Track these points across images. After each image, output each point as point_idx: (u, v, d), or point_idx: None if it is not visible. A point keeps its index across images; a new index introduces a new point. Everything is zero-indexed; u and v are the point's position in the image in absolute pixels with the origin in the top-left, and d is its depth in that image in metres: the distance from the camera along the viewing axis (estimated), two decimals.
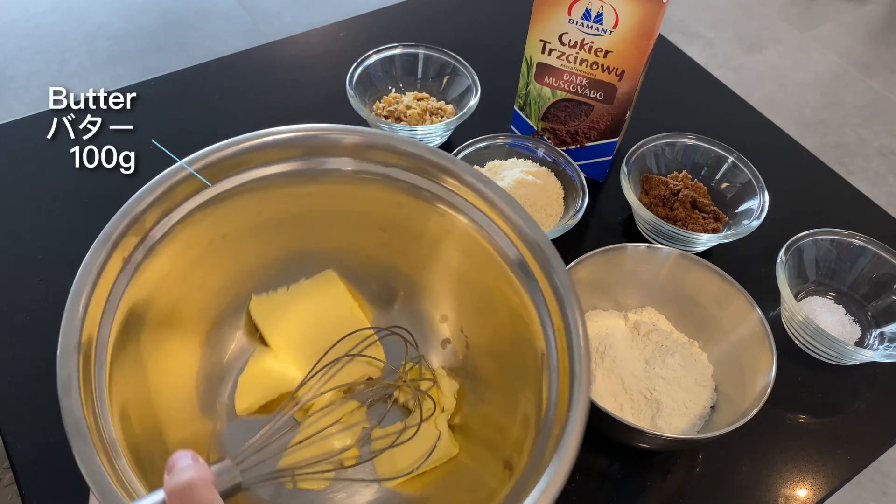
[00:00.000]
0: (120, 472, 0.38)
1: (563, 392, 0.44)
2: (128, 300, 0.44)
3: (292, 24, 1.99)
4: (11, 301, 0.62)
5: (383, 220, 0.55)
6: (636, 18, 0.63)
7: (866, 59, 2.12)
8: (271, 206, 0.52)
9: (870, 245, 0.67)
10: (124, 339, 0.44)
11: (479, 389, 0.54)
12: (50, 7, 1.97)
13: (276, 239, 0.55)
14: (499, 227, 0.50)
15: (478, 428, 0.53)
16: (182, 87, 0.81)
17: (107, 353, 0.42)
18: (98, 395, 0.40)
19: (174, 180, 0.47)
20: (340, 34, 0.90)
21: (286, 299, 0.56)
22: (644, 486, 0.57)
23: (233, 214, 0.51)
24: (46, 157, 0.73)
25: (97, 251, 0.43)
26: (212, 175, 0.48)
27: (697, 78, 0.92)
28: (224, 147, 0.48)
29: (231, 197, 0.50)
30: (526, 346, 0.49)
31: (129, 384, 0.44)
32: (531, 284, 0.48)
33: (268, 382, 0.53)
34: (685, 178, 0.73)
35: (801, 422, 0.62)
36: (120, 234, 0.44)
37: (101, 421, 0.39)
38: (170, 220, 0.47)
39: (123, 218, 0.44)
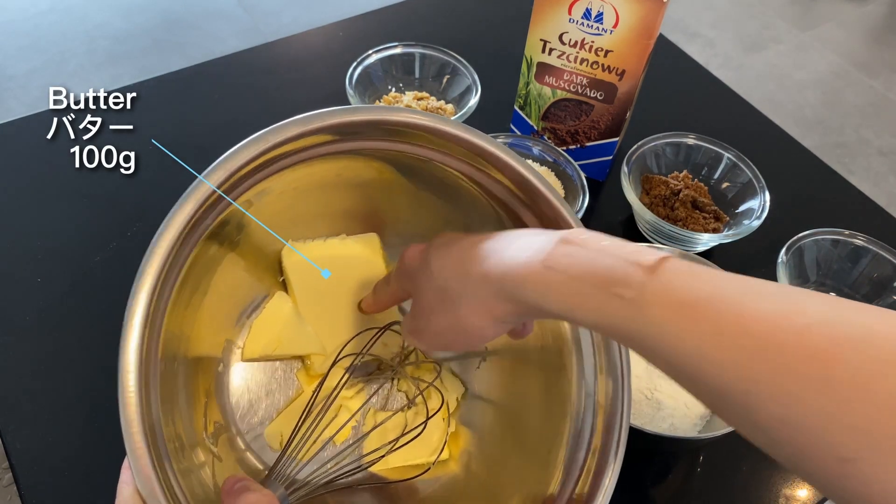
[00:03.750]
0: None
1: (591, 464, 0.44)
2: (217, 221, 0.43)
3: (292, 23, 1.99)
4: (11, 301, 0.62)
5: (450, 216, 0.53)
6: (636, 18, 0.63)
7: (866, 59, 2.12)
8: (352, 171, 0.51)
9: (871, 245, 0.67)
10: (206, 247, 0.44)
11: (490, 412, 0.54)
12: (49, 7, 1.97)
13: (342, 196, 0.53)
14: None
15: (472, 439, 0.53)
16: (182, 87, 0.81)
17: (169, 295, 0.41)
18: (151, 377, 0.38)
19: (275, 140, 0.44)
20: (340, 34, 0.89)
21: (321, 250, 0.54)
22: (644, 486, 0.57)
23: (315, 173, 0.49)
24: (46, 157, 0.73)
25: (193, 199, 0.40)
26: (298, 144, 0.46)
27: (697, 78, 0.92)
28: (350, 112, 0.46)
29: (318, 159, 0.47)
30: (558, 392, 0.48)
31: (192, 286, 0.44)
32: (582, 365, 0.47)
33: (281, 337, 0.52)
34: (686, 177, 0.73)
35: None
36: (209, 191, 0.41)
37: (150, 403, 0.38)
38: (258, 177, 0.45)
39: (216, 171, 0.41)
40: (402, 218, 0.56)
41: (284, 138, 0.44)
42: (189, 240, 0.41)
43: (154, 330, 0.39)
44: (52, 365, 0.59)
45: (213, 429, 0.47)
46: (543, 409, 0.50)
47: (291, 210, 0.52)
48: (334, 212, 0.54)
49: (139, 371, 0.35)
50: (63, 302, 0.63)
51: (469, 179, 0.50)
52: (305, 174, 0.49)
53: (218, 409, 0.49)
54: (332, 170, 0.50)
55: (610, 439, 0.45)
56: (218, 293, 0.49)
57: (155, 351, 0.39)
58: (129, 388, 0.34)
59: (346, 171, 0.51)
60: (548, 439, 0.48)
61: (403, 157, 0.50)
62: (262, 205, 0.48)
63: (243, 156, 0.42)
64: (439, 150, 0.49)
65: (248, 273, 0.52)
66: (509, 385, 0.54)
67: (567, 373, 0.49)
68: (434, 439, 0.52)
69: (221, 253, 0.48)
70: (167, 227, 0.38)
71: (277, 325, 0.52)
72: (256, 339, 0.52)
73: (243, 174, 0.43)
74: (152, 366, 0.38)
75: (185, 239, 0.40)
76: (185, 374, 0.45)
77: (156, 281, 0.37)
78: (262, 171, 0.45)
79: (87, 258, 0.65)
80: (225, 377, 0.51)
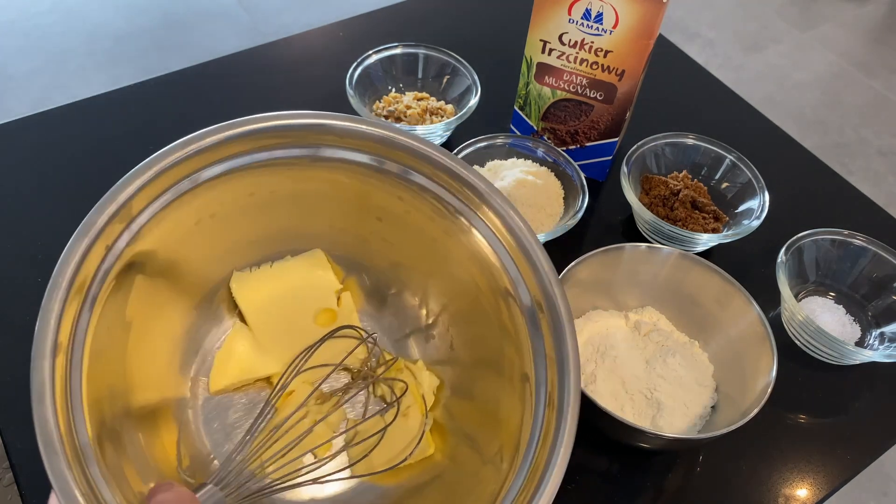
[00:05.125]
0: (90, 479, 0.37)
1: (550, 424, 0.44)
2: (122, 261, 0.43)
3: (292, 24, 1.99)
4: (11, 301, 0.62)
5: (380, 210, 0.54)
6: (636, 18, 0.63)
7: (866, 59, 2.12)
8: (266, 188, 0.51)
9: (870, 245, 0.67)
10: (116, 292, 0.43)
11: (461, 393, 0.54)
12: (50, 7, 1.97)
13: (266, 218, 0.54)
14: (518, 270, 0.49)
15: (452, 425, 0.53)
16: (182, 87, 0.81)
17: (83, 351, 0.41)
18: (73, 395, 0.39)
19: (161, 166, 0.44)
20: (340, 34, 0.89)
21: (268, 275, 0.55)
22: (644, 486, 0.57)
23: (224, 195, 0.49)
24: (46, 157, 0.73)
25: (80, 235, 0.41)
26: (209, 156, 0.46)
27: (697, 78, 0.92)
28: (231, 126, 0.47)
29: (224, 179, 0.48)
30: (513, 368, 0.49)
31: (110, 336, 0.43)
32: (536, 334, 0.48)
33: (243, 364, 0.53)
34: (685, 177, 0.73)
35: (801, 422, 0.62)
36: (104, 222, 0.42)
37: (75, 425, 0.38)
38: (156, 206, 0.45)
39: (107, 205, 0.42)
40: (337, 225, 0.56)
41: (166, 165, 0.44)
42: (89, 292, 0.41)
43: (72, 395, 0.39)
44: None
45: (190, 462, 0.48)
46: (507, 381, 0.50)
47: (221, 239, 0.52)
48: (266, 234, 0.55)
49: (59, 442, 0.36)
50: None
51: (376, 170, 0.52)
52: (213, 198, 0.49)
53: (193, 443, 0.50)
54: (242, 189, 0.51)
55: (563, 392, 0.45)
56: (163, 336, 0.49)
57: (82, 418, 0.39)
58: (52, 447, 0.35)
59: (258, 189, 0.51)
60: (515, 408, 0.48)
61: (309, 162, 0.50)
62: (182, 238, 0.49)
63: (130, 188, 0.43)
64: (346, 147, 0.50)
65: (197, 309, 0.53)
66: (478, 370, 0.54)
67: (519, 342, 0.49)
68: (414, 435, 0.52)
69: (148, 297, 0.47)
70: (54, 284, 0.39)
71: (240, 355, 0.53)
72: (221, 370, 0.52)
73: (137, 210, 0.44)
74: (80, 434, 0.38)
75: (84, 291, 0.40)
76: (138, 424, 0.45)
77: (53, 343, 0.38)
78: (157, 202, 0.45)
79: None
80: (196, 412, 0.51)
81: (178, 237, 0.48)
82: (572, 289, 0.59)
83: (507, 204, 0.49)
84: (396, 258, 0.57)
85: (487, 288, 0.51)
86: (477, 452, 0.50)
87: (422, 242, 0.55)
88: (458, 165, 0.50)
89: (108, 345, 0.43)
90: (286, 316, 0.55)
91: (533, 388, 0.47)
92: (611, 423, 0.52)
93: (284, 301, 0.55)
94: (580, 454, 0.58)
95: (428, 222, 0.53)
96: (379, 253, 0.57)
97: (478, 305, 0.53)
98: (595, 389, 0.57)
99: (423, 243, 0.54)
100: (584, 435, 0.46)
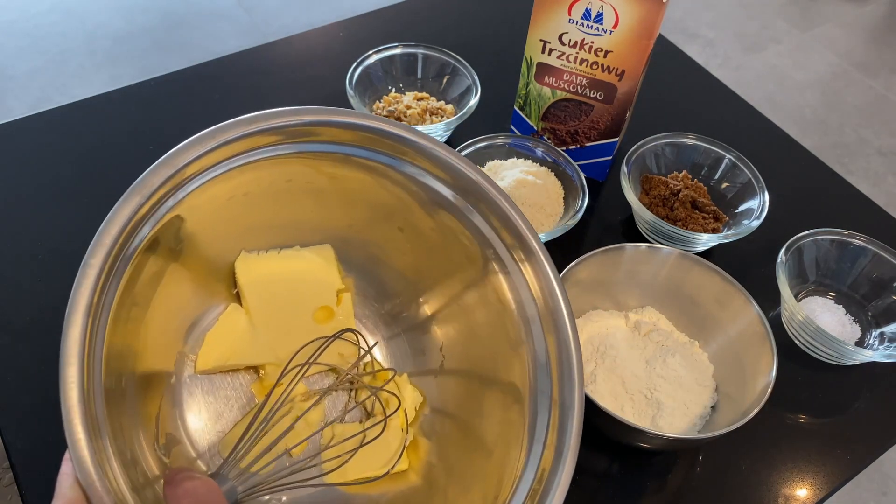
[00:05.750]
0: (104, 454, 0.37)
1: (548, 461, 0.44)
2: (160, 226, 0.43)
3: (292, 24, 1.99)
4: (11, 301, 0.62)
5: (404, 221, 0.54)
6: (636, 18, 0.63)
7: (866, 59, 2.12)
8: (304, 177, 0.51)
9: (870, 245, 0.67)
10: (146, 255, 0.43)
11: (444, 413, 0.54)
12: (50, 7, 1.97)
13: (294, 205, 0.53)
14: (525, 281, 0.50)
15: (439, 450, 0.53)
16: (182, 87, 0.81)
17: (126, 269, 0.41)
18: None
19: (225, 138, 0.44)
20: (340, 34, 0.90)
21: (274, 260, 0.55)
22: (644, 486, 0.57)
23: (263, 177, 0.49)
24: (46, 157, 0.73)
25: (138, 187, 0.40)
26: (268, 139, 0.46)
27: (697, 78, 0.92)
28: (304, 112, 0.46)
29: (273, 161, 0.48)
30: (507, 399, 0.49)
31: (131, 300, 0.43)
32: (538, 345, 0.48)
33: (234, 348, 0.52)
34: (685, 178, 0.73)
35: (801, 422, 0.62)
36: (158, 183, 0.41)
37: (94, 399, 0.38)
38: (206, 177, 0.45)
39: (163, 168, 0.41)
40: (356, 227, 0.56)
41: (229, 138, 0.44)
42: (125, 252, 0.41)
43: (94, 350, 0.39)
44: (52, 365, 0.59)
45: (165, 440, 0.47)
46: (500, 411, 0.50)
47: (243, 219, 0.52)
48: (286, 222, 0.54)
49: (80, 384, 0.35)
50: (63, 302, 0.62)
51: (415, 182, 0.51)
52: (253, 178, 0.49)
53: (170, 422, 0.49)
54: (282, 175, 0.50)
55: (563, 436, 0.45)
56: (166, 306, 0.49)
57: (99, 371, 0.39)
58: (72, 400, 0.35)
59: (296, 177, 0.51)
60: (505, 439, 0.48)
61: (355, 163, 0.50)
62: (212, 212, 0.48)
63: (188, 154, 0.42)
64: (389, 154, 0.50)
65: (199, 285, 0.52)
66: (466, 390, 0.54)
67: (521, 371, 0.49)
68: (392, 449, 0.52)
69: (165, 265, 0.47)
70: (99, 240, 0.38)
71: (231, 337, 0.52)
72: (210, 351, 0.52)
73: (188, 175, 0.43)
74: (96, 384, 0.38)
75: (120, 252, 0.40)
76: (134, 389, 0.45)
77: (90, 300, 0.37)
78: (207, 173, 0.45)
79: None
80: (178, 390, 0.50)
81: (210, 210, 0.48)
82: (572, 289, 0.59)
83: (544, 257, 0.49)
84: (405, 269, 0.56)
85: (498, 327, 0.51)
86: (452, 477, 0.50)
87: (439, 263, 0.55)
88: (510, 208, 0.50)
89: (127, 309, 0.43)
90: (284, 304, 0.54)
91: (528, 419, 0.47)
92: (611, 423, 0.52)
93: (285, 288, 0.54)
94: (580, 454, 0.58)
95: (454, 247, 0.53)
96: (388, 261, 0.57)
97: (478, 336, 0.53)
98: (595, 389, 0.57)
99: (441, 264, 0.55)
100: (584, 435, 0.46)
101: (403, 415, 0.53)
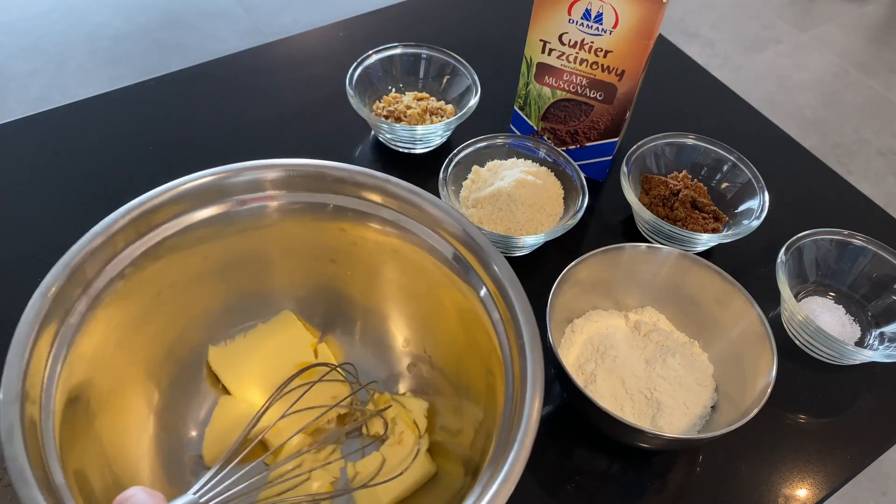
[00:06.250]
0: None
1: (518, 389, 0.44)
2: (75, 355, 0.44)
3: (292, 24, 1.99)
4: (11, 301, 0.62)
5: (331, 250, 0.55)
6: (636, 18, 0.63)
7: (866, 59, 2.12)
8: (215, 251, 0.53)
9: (870, 245, 0.67)
10: (74, 396, 0.43)
11: (448, 404, 0.55)
12: (50, 7, 1.97)
13: (226, 284, 0.55)
14: (430, 230, 0.51)
15: (449, 441, 0.53)
16: (182, 87, 0.81)
17: (53, 408, 0.41)
18: (46, 445, 0.39)
19: (115, 228, 0.46)
20: (340, 34, 0.90)
21: (245, 346, 0.56)
22: (644, 486, 0.57)
23: (177, 262, 0.51)
24: (46, 157, 0.73)
25: (37, 303, 0.42)
26: (144, 225, 0.48)
27: (697, 78, 0.92)
28: (144, 201, 0.48)
29: (172, 245, 0.50)
30: (482, 348, 0.49)
31: (85, 444, 0.43)
32: (472, 279, 0.49)
33: (236, 430, 0.52)
34: (685, 178, 0.73)
35: (801, 421, 0.62)
36: (60, 286, 0.43)
37: (49, 470, 0.38)
38: (112, 270, 0.47)
39: (63, 269, 0.43)
40: (298, 279, 0.57)
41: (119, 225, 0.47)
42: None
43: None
44: None
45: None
46: (466, 339, 0.52)
47: (188, 310, 0.53)
48: (233, 302, 0.56)
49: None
50: None
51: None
52: (168, 264, 0.50)
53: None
54: (195, 256, 0.52)
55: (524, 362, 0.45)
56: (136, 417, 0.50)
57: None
58: None
59: (211, 253, 0.52)
60: (481, 367, 0.50)
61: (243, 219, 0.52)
62: (152, 310, 0.50)
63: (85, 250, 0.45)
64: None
65: (173, 386, 0.53)
66: (453, 364, 0.55)
67: (485, 329, 0.50)
68: (407, 455, 0.53)
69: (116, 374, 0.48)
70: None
71: (229, 425, 0.53)
72: (213, 444, 0.52)
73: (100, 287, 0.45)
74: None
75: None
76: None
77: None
78: (112, 263, 0.47)
79: None
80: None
81: (141, 310, 0.49)
82: (572, 289, 0.59)
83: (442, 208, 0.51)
84: (359, 295, 0.58)
85: (435, 282, 0.53)
86: (465, 461, 0.50)
87: (370, 271, 0.56)
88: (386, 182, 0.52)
89: (87, 445, 0.44)
90: (269, 379, 0.55)
91: (501, 365, 0.47)
92: (610, 423, 0.52)
93: (265, 366, 0.56)
94: (580, 454, 0.58)
95: (375, 248, 0.54)
96: (343, 296, 0.58)
97: (437, 306, 0.54)
98: (595, 389, 0.57)
99: (371, 271, 0.56)
100: (584, 435, 0.46)
101: (414, 426, 0.54)
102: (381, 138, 0.77)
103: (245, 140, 0.77)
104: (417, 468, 0.52)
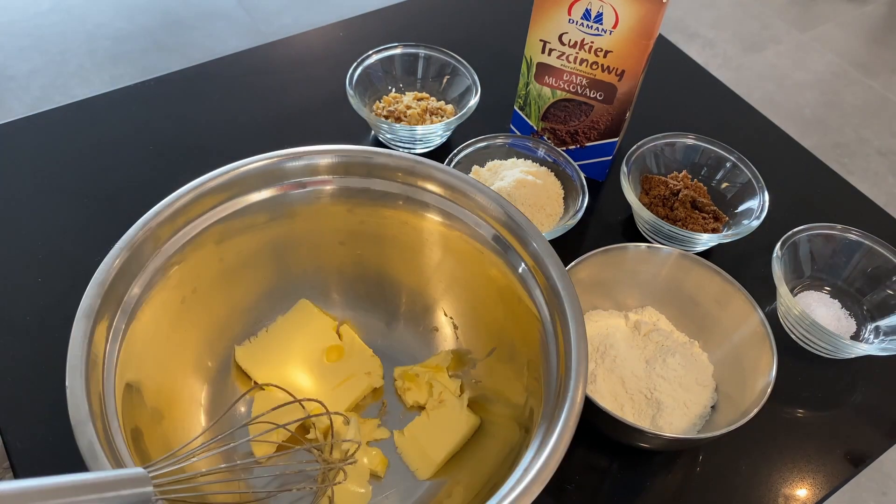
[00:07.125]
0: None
1: (562, 357, 0.46)
2: (123, 367, 0.45)
3: (292, 24, 1.99)
4: (11, 301, 0.62)
5: (344, 233, 0.57)
6: (636, 18, 0.63)
7: (866, 59, 2.12)
8: (231, 250, 0.54)
9: (864, 239, 0.67)
10: (128, 408, 0.45)
11: (488, 369, 0.56)
12: (50, 7, 1.97)
13: (245, 281, 0.56)
14: (469, 212, 0.53)
15: (494, 400, 0.55)
16: (182, 87, 0.81)
17: (118, 421, 0.43)
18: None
19: (137, 240, 0.48)
20: (340, 34, 0.90)
21: (268, 340, 0.57)
22: (644, 486, 0.57)
23: (198, 266, 0.52)
24: (46, 157, 0.73)
25: (80, 325, 0.44)
26: (164, 233, 0.49)
27: (697, 78, 0.92)
28: (161, 209, 0.49)
29: (190, 250, 0.51)
30: (522, 320, 0.51)
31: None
32: (511, 257, 0.51)
33: (279, 420, 0.52)
34: (685, 178, 0.73)
35: (799, 416, 0.62)
36: (98, 304, 0.44)
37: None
38: (142, 281, 0.48)
39: (98, 288, 0.45)
40: (311, 266, 0.59)
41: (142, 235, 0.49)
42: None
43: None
44: (52, 365, 0.59)
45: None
46: (506, 311, 0.54)
47: (213, 313, 0.55)
48: (252, 300, 0.57)
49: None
50: (63, 302, 0.62)
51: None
52: (187, 271, 0.51)
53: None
54: (210, 259, 0.53)
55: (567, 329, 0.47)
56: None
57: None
58: None
59: (227, 255, 0.54)
60: (529, 349, 0.51)
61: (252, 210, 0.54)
62: (180, 318, 0.51)
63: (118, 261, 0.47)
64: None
65: (209, 387, 0.54)
66: (496, 332, 0.56)
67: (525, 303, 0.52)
68: (458, 418, 0.55)
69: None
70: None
71: (271, 417, 0.52)
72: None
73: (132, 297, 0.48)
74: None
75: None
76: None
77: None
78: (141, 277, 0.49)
79: (87, 258, 0.65)
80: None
81: (171, 318, 0.51)
82: None
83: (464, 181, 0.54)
84: (374, 273, 0.59)
85: (474, 260, 0.54)
86: (513, 418, 0.52)
87: (393, 247, 0.58)
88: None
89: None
90: (299, 368, 0.57)
91: (543, 333, 0.49)
92: (611, 423, 0.52)
93: (292, 357, 0.57)
94: (580, 454, 0.58)
95: (385, 222, 0.56)
96: (359, 275, 0.59)
97: (477, 282, 0.55)
98: (595, 389, 0.57)
99: (405, 250, 0.57)
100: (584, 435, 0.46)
101: (451, 391, 0.56)
102: (381, 138, 0.77)
103: (245, 140, 0.77)
104: (463, 421, 0.54)
